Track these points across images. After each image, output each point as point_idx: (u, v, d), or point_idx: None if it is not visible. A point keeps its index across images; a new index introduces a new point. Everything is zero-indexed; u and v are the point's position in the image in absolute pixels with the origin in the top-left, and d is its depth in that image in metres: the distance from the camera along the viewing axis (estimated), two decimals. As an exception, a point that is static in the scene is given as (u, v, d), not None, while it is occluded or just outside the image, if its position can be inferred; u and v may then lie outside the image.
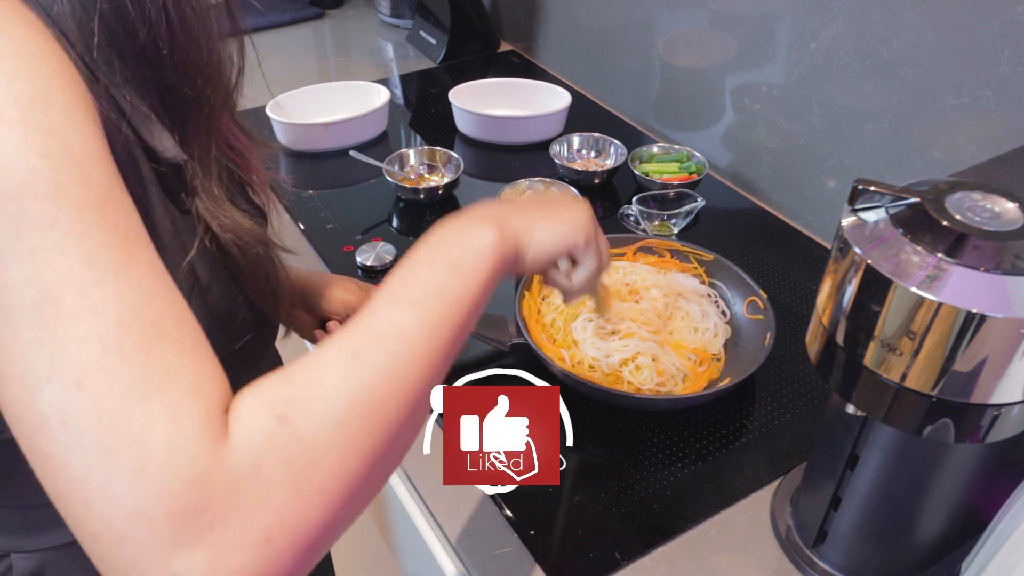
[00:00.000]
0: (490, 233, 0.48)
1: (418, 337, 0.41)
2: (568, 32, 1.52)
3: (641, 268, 0.92)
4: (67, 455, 0.32)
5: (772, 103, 1.12)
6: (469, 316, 0.45)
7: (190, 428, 0.34)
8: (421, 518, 0.75)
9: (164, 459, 0.33)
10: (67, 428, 0.32)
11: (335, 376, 0.38)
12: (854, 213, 0.51)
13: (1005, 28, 0.81)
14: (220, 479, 0.33)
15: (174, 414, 0.34)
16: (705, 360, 0.83)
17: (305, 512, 0.35)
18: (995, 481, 0.58)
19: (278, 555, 0.34)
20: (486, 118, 1.30)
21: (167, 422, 0.33)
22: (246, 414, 0.36)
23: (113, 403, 0.33)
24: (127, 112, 0.43)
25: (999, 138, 0.85)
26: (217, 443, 0.34)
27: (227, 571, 0.33)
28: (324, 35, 1.80)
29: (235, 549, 0.33)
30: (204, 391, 0.35)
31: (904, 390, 0.49)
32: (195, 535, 0.32)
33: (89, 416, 0.33)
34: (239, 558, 0.33)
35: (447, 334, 0.43)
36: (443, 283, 0.44)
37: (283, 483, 0.35)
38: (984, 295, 0.44)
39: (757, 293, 0.88)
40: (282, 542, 0.34)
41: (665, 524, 0.70)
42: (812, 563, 0.66)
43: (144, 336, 0.35)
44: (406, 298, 0.43)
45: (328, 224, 1.10)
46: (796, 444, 0.78)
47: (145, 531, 0.32)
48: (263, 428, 0.35)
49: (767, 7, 1.09)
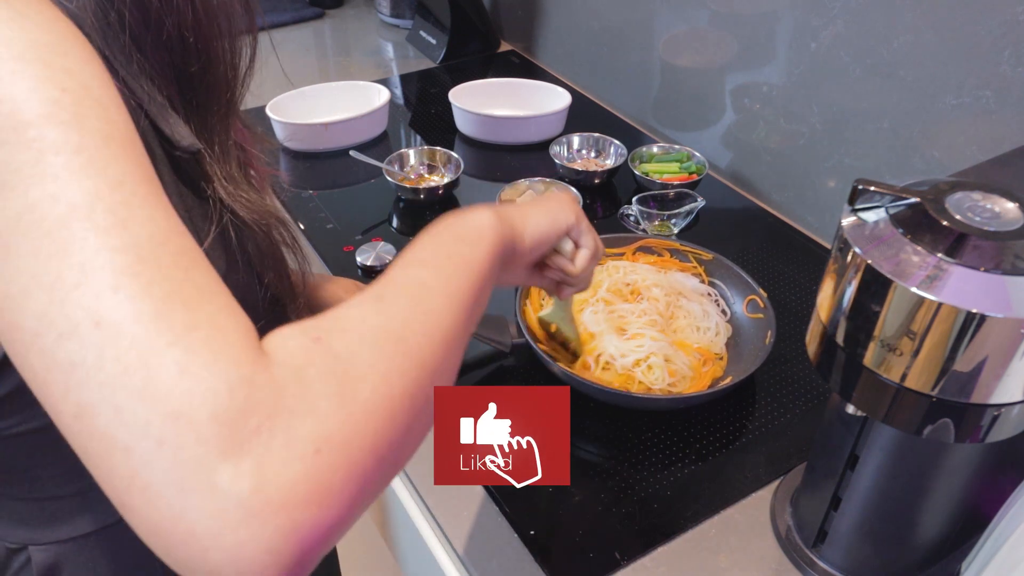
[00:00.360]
0: (487, 214, 0.51)
1: (434, 286, 0.42)
2: (568, 32, 1.52)
3: (641, 268, 0.92)
4: (100, 358, 0.30)
5: (772, 103, 1.12)
6: (479, 281, 0.46)
7: (233, 336, 0.33)
8: (421, 518, 0.75)
9: (211, 359, 0.31)
10: (101, 329, 0.30)
11: (362, 311, 0.38)
12: (854, 213, 0.51)
13: (1005, 28, 0.81)
14: (265, 383, 0.32)
15: (215, 323, 0.32)
16: (709, 359, 0.83)
17: (353, 428, 0.33)
18: (995, 481, 0.58)
19: (330, 470, 0.31)
20: (486, 118, 1.30)
21: (210, 328, 0.32)
22: (281, 337, 0.35)
23: (153, 305, 0.31)
24: (144, 101, 0.44)
25: (999, 138, 0.85)
26: (259, 354, 0.33)
27: (275, 483, 0.30)
28: (324, 35, 1.80)
29: (283, 459, 0.30)
30: (238, 313, 0.35)
31: (904, 390, 0.49)
32: (240, 441, 0.30)
33: (127, 316, 0.31)
34: (288, 469, 0.30)
35: (462, 292, 0.44)
36: (450, 249, 0.46)
37: (328, 394, 0.33)
38: (984, 295, 0.44)
39: (757, 292, 0.88)
40: (332, 458, 0.32)
41: (665, 524, 0.70)
42: (812, 563, 0.66)
43: (176, 258, 0.34)
44: (418, 262, 0.44)
45: (328, 224, 1.10)
46: (796, 444, 0.78)
47: (187, 434, 0.30)
48: (301, 345, 0.34)
49: (767, 7, 1.09)
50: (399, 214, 1.14)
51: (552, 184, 1.11)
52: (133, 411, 0.30)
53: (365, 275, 1.00)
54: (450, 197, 1.17)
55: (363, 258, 1.01)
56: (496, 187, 1.11)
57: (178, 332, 0.31)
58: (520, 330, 0.83)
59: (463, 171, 1.16)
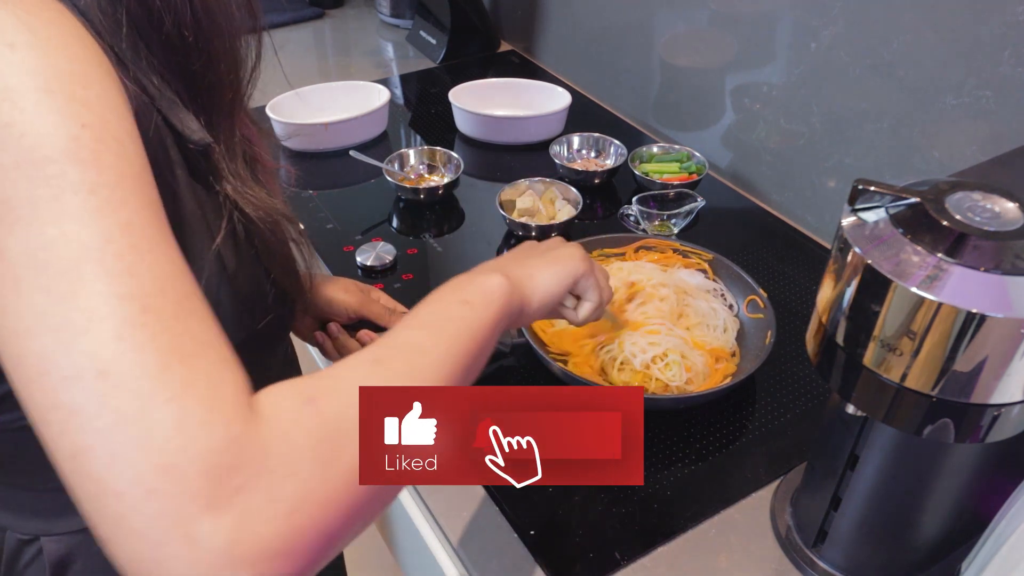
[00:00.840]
0: (497, 278, 0.52)
1: (433, 353, 0.44)
2: (568, 32, 1.52)
3: (646, 266, 0.92)
4: (101, 407, 0.32)
5: (772, 103, 1.12)
6: (479, 347, 0.47)
7: (228, 394, 0.34)
8: (421, 518, 0.75)
9: (205, 416, 0.33)
10: (105, 379, 0.32)
11: (356, 374, 0.40)
12: (854, 213, 0.51)
13: (1005, 28, 0.81)
14: (253, 444, 0.33)
15: (212, 379, 0.34)
16: (722, 357, 0.83)
17: (331, 490, 0.35)
18: (995, 481, 0.57)
19: (302, 529, 0.34)
20: (486, 118, 1.30)
21: (207, 385, 0.34)
22: (275, 395, 0.36)
23: (156, 358, 0.33)
24: (155, 97, 0.44)
25: (999, 138, 0.85)
26: (250, 413, 0.34)
27: (250, 539, 0.32)
28: (324, 35, 1.80)
29: (261, 517, 0.33)
30: (235, 366, 0.36)
31: (904, 390, 0.49)
32: (224, 497, 0.32)
33: (130, 369, 0.32)
34: (264, 527, 0.33)
35: (459, 356, 0.45)
36: (453, 313, 0.48)
37: (311, 457, 0.35)
38: (984, 295, 0.44)
39: (757, 292, 0.88)
40: (307, 516, 0.34)
41: (665, 524, 0.70)
42: (812, 563, 0.66)
43: (179, 305, 0.35)
44: (419, 324, 0.46)
45: (328, 224, 1.10)
46: (796, 444, 0.78)
47: (177, 486, 0.31)
48: (292, 407, 0.36)
49: (767, 7, 1.08)
50: (399, 214, 1.14)
51: (552, 184, 1.11)
52: (128, 459, 0.32)
53: (365, 275, 1.00)
54: (450, 197, 1.17)
55: (363, 258, 1.01)
56: (496, 187, 1.11)
57: (176, 388, 0.33)
58: (520, 330, 0.83)
59: (463, 171, 1.16)
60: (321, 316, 0.79)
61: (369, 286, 0.83)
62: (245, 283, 0.52)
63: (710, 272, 0.93)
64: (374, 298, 0.80)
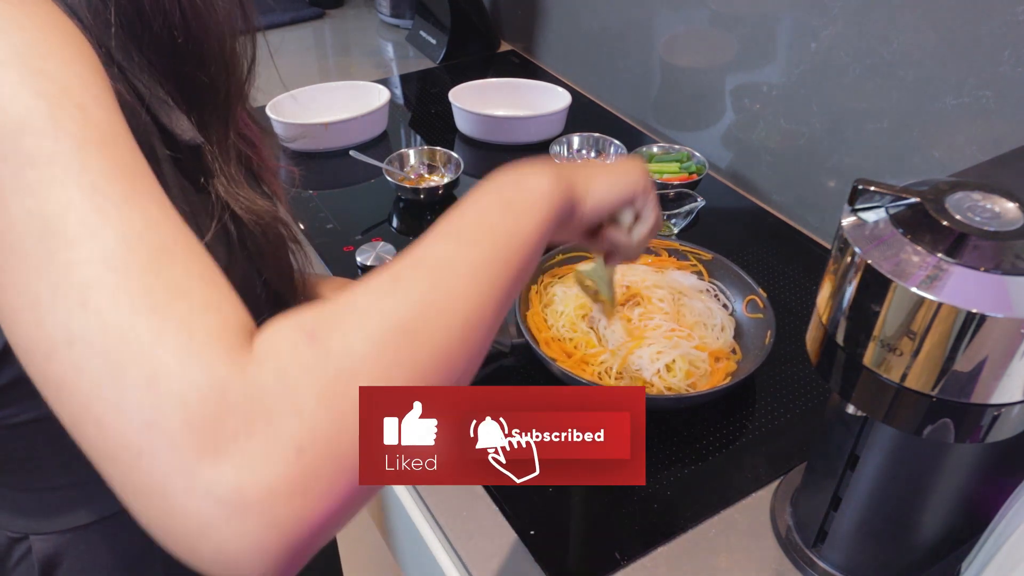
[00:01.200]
0: (546, 179, 0.46)
1: (464, 265, 0.39)
2: (568, 32, 1.52)
3: (639, 269, 0.92)
4: (77, 376, 0.31)
5: (772, 103, 1.12)
6: (523, 258, 0.42)
7: (203, 338, 0.32)
8: (421, 518, 0.75)
9: (175, 367, 0.31)
10: (73, 348, 0.31)
11: (370, 299, 0.36)
12: (854, 213, 0.51)
13: (1005, 28, 0.81)
14: (240, 387, 0.31)
15: (186, 326, 0.32)
16: (722, 356, 0.83)
17: (339, 425, 0.32)
18: (995, 481, 0.57)
19: (312, 471, 0.31)
20: (486, 118, 1.30)
21: (178, 333, 0.32)
22: (272, 332, 0.34)
23: (119, 318, 0.32)
24: (145, 96, 0.44)
25: (999, 138, 0.85)
26: (236, 354, 0.32)
27: (258, 481, 0.30)
28: (324, 35, 1.80)
29: (264, 459, 0.31)
30: (219, 309, 0.34)
31: (904, 390, 0.49)
32: (218, 444, 0.30)
33: (95, 333, 0.31)
34: (270, 468, 0.31)
35: (496, 270, 0.40)
36: (493, 221, 0.42)
37: (312, 393, 0.32)
38: (984, 295, 0.44)
39: (756, 292, 0.88)
40: (316, 454, 0.31)
41: (665, 524, 0.70)
42: (812, 563, 0.66)
43: (150, 259, 0.33)
44: (452, 233, 0.41)
45: (328, 224, 1.10)
46: (796, 444, 0.78)
47: (161, 442, 0.30)
48: (290, 343, 0.33)
49: (767, 7, 1.08)
50: (399, 214, 1.14)
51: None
52: (111, 424, 0.31)
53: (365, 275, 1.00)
54: (450, 197, 1.17)
55: (363, 258, 1.01)
56: (496, 187, 1.11)
57: (145, 343, 0.31)
58: (520, 330, 0.83)
59: (463, 171, 1.16)
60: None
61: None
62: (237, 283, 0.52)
63: (705, 274, 0.93)
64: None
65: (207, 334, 0.32)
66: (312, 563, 0.35)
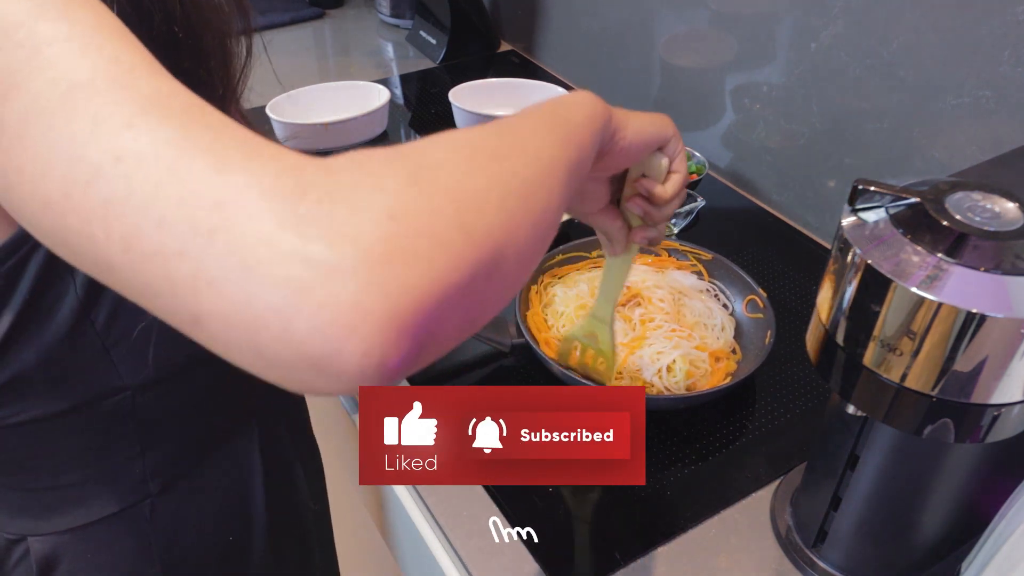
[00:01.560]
0: (589, 94, 0.48)
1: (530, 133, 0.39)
2: (568, 32, 1.52)
3: (639, 268, 0.92)
4: (129, 187, 0.29)
5: (772, 103, 1.12)
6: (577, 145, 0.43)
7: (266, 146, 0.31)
8: (421, 518, 0.75)
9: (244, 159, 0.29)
10: (123, 162, 0.29)
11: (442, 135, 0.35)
12: (854, 213, 0.51)
13: (1005, 28, 0.81)
14: (317, 168, 0.30)
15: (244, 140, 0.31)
16: (722, 356, 0.83)
17: (428, 201, 0.30)
18: (995, 481, 0.57)
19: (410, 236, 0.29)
20: (486, 118, 1.29)
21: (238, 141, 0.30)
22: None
23: (172, 132, 0.30)
24: None
25: (999, 138, 0.85)
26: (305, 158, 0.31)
27: (352, 241, 0.28)
28: (324, 35, 1.80)
29: (354, 223, 0.28)
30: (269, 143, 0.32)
31: (904, 390, 0.49)
32: (301, 212, 0.28)
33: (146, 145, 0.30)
34: (362, 229, 0.28)
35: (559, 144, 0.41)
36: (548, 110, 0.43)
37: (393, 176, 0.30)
38: (984, 295, 0.44)
39: (756, 292, 0.88)
40: (411, 224, 0.29)
41: (665, 524, 0.70)
42: (812, 563, 0.66)
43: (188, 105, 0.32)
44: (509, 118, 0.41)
45: (328, 224, 1.10)
46: (796, 444, 0.78)
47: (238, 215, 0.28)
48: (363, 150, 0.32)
49: (767, 7, 1.09)
50: (399, 214, 1.14)
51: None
52: (174, 217, 0.28)
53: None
54: (450, 197, 1.17)
55: (363, 258, 1.01)
56: (496, 187, 1.11)
57: (203, 146, 0.30)
58: (520, 330, 0.83)
59: (463, 171, 1.16)
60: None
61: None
62: None
63: (705, 274, 0.93)
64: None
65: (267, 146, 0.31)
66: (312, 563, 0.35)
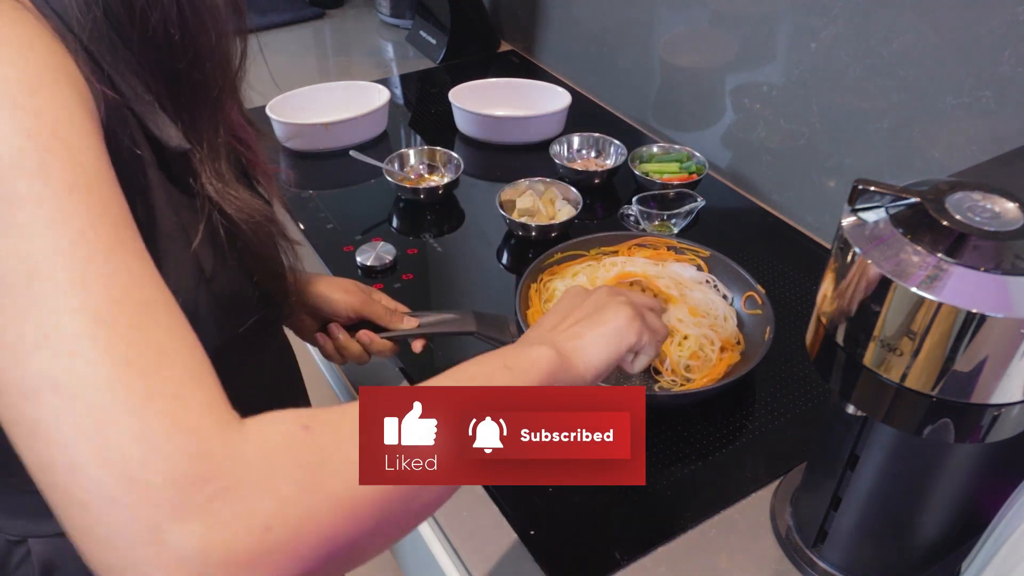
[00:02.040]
0: (546, 349, 0.50)
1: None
2: (568, 32, 1.52)
3: (639, 260, 0.93)
4: (58, 421, 0.32)
5: (772, 103, 1.12)
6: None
7: (195, 406, 0.33)
8: (421, 518, 0.75)
9: (167, 427, 0.32)
10: (58, 394, 0.32)
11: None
12: (854, 213, 0.51)
13: (1005, 28, 0.81)
14: (226, 457, 0.33)
15: (175, 391, 0.33)
16: (728, 346, 0.83)
17: (311, 514, 0.34)
18: (995, 481, 0.57)
19: (275, 549, 0.33)
20: (486, 118, 1.30)
21: (169, 396, 0.33)
22: (269, 420, 0.36)
23: (110, 371, 0.32)
24: (130, 99, 0.44)
25: (999, 138, 0.85)
26: (225, 426, 0.34)
27: (221, 550, 0.31)
28: (324, 35, 1.80)
29: (232, 529, 0.32)
30: (202, 380, 0.35)
31: (904, 390, 0.49)
32: (193, 506, 0.31)
33: (84, 382, 0.32)
34: (234, 540, 0.32)
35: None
36: (489, 376, 0.46)
37: (294, 479, 0.34)
38: (984, 295, 0.44)
39: (755, 288, 0.88)
40: (281, 536, 0.33)
41: (665, 524, 0.70)
42: (812, 563, 0.66)
43: (137, 316, 0.34)
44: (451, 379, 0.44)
45: (328, 224, 1.10)
46: (796, 444, 0.78)
47: (141, 495, 0.31)
48: (285, 432, 0.35)
49: (767, 7, 1.09)
50: (399, 214, 1.14)
51: (552, 184, 1.11)
52: (89, 472, 0.31)
53: (365, 275, 1.00)
54: (450, 197, 1.17)
55: (363, 258, 1.01)
56: (496, 187, 1.11)
57: (135, 402, 0.32)
58: (520, 328, 0.83)
59: (463, 171, 1.16)
60: (322, 316, 0.79)
61: (370, 287, 0.83)
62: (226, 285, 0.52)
63: (704, 267, 0.93)
64: (375, 299, 0.80)
65: (197, 402, 0.34)
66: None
